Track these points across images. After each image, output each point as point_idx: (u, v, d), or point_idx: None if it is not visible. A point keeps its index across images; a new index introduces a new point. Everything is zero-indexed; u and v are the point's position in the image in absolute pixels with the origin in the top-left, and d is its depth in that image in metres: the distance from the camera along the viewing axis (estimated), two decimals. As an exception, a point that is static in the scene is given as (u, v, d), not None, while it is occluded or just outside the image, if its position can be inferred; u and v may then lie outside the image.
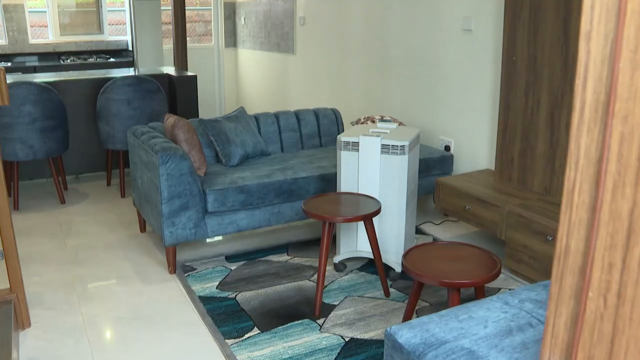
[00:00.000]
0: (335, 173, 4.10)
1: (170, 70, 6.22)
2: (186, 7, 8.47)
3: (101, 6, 8.30)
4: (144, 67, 7.12)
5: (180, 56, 6.28)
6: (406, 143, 3.42)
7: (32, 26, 8.04)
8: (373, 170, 3.50)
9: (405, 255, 2.66)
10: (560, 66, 3.60)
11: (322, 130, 4.85)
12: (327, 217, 3.11)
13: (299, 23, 6.97)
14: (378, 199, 3.55)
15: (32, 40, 7.93)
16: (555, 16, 3.59)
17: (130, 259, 4.06)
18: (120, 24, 8.57)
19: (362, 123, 4.90)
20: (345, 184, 3.62)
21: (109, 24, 8.43)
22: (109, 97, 5.07)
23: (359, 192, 3.57)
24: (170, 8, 8.80)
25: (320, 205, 3.28)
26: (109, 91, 5.07)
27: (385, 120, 4.79)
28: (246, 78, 8.70)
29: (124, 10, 8.38)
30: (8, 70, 7.17)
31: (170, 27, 7.63)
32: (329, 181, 4.08)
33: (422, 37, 4.98)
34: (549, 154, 3.76)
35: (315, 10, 6.59)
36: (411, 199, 3.66)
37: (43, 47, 7.94)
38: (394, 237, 3.60)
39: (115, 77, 5.15)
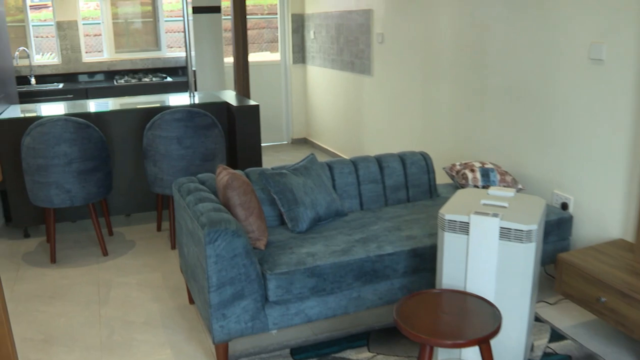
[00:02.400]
0: (430, 246, 3.23)
1: (229, 95, 5.47)
2: (252, 16, 7.74)
3: (158, 20, 7.64)
4: (202, 90, 6.41)
5: (242, 79, 5.52)
6: (534, 227, 2.52)
7: (86, 37, 7.46)
8: (488, 260, 2.62)
9: None
10: None
11: (409, 181, 3.98)
12: (429, 340, 2.25)
13: (376, 40, 6.12)
14: (493, 301, 2.66)
15: (85, 58, 7.33)
16: None
17: (173, 346, 3.29)
18: (179, 31, 7.89)
19: (458, 171, 4.01)
20: (448, 275, 2.74)
21: (167, 32, 7.76)
22: (157, 134, 4.34)
23: (467, 287, 2.69)
24: (230, 17, 8.10)
25: (416, 314, 2.42)
26: (157, 127, 4.33)
27: (488, 171, 3.89)
28: (316, 99, 7.89)
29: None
30: (59, 93, 6.58)
31: (230, 34, 6.91)
32: (422, 257, 3.21)
33: (531, 64, 4.05)
34: None
35: (395, 27, 5.73)
36: (534, 292, 2.76)
37: (97, 65, 7.34)
38: (511, 347, 2.71)
39: (163, 110, 4.42)
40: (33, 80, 7.00)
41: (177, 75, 7.46)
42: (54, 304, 3.81)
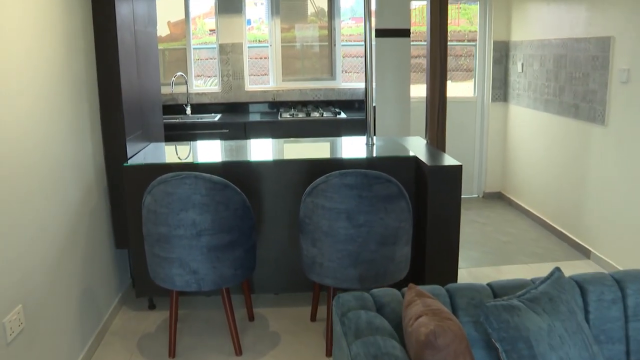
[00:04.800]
0: None
1: (418, 146, 4.16)
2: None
3: (334, 44, 6.51)
4: (381, 133, 5.15)
5: (437, 125, 4.19)
6: None
7: (252, 58, 6.51)
8: None
9: None
10: None
11: None
12: None
13: (617, 79, 4.54)
14: None
15: (249, 87, 6.36)
16: None
17: None
18: (355, 56, 6.73)
19: None
20: None
21: (345, 56, 6.62)
22: (319, 204, 3.11)
23: None
24: (419, 43, 6.84)
25: None
26: (319, 194, 3.11)
27: None
28: (519, 147, 6.35)
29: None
30: (214, 127, 5.62)
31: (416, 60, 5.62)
32: None
33: None
34: None
35: (652, 62, 4.14)
36: None
37: (261, 95, 6.34)
38: None
39: (331, 169, 3.20)
40: (189, 110, 6.12)
41: (352, 110, 6.28)
42: None
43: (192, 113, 6.14)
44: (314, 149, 4.39)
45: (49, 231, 2.90)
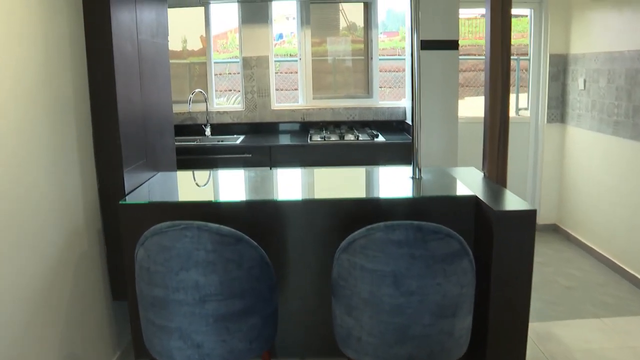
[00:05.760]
0: None
1: (473, 180, 3.46)
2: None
3: (371, 58, 5.84)
4: (424, 162, 4.45)
5: (498, 156, 3.49)
6: None
7: (283, 73, 5.89)
8: None
9: None
10: None
11: None
12: None
13: None
14: None
15: (275, 105, 5.72)
16: None
17: None
18: (391, 71, 6.08)
19: None
20: None
21: (382, 71, 5.97)
22: (357, 263, 2.43)
23: None
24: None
25: None
26: (357, 251, 2.42)
27: None
28: (579, 174, 5.60)
29: (404, 59, 5.88)
30: (236, 151, 4.98)
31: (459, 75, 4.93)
32: None
33: None
34: None
35: None
36: None
37: (289, 114, 5.70)
38: None
39: (369, 214, 2.52)
40: (208, 131, 5.50)
41: (391, 131, 5.60)
42: None
43: (212, 134, 5.52)
44: (349, 182, 3.71)
45: (12, 291, 2.28)
